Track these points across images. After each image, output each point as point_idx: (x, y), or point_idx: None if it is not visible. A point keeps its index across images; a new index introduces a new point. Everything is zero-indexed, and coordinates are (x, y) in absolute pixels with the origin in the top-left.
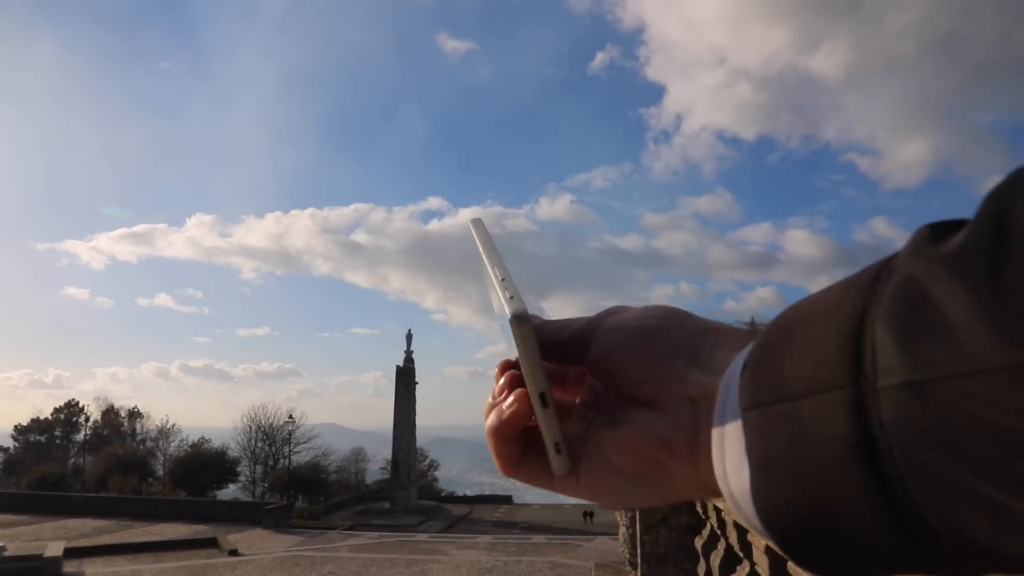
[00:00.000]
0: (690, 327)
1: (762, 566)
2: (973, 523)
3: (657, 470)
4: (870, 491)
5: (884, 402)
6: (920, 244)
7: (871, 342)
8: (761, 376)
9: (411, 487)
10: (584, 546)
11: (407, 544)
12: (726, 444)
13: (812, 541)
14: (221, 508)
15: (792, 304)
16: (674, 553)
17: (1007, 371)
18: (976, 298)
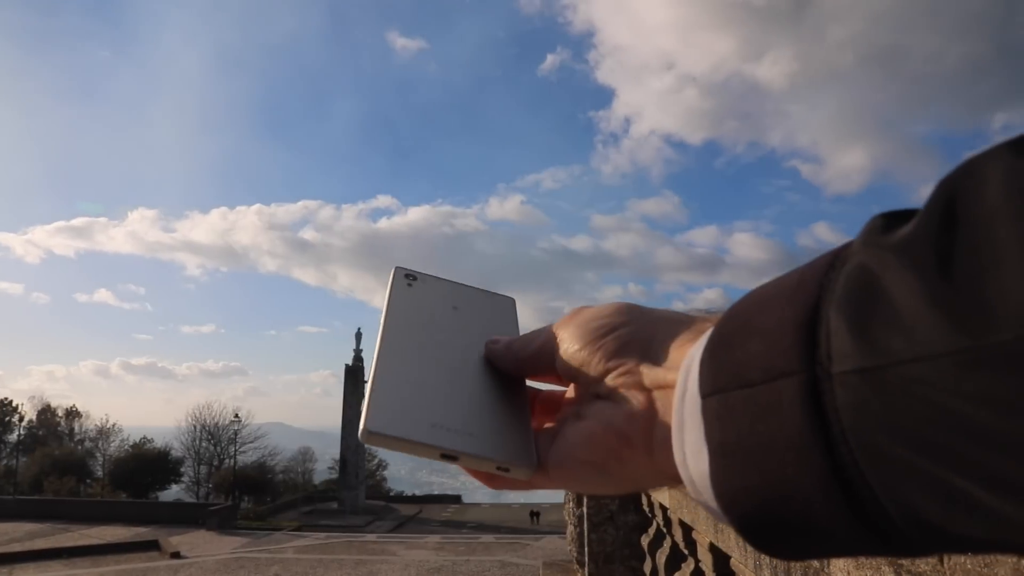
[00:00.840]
0: (641, 320)
1: (706, 563)
2: (924, 504)
3: (616, 460)
4: (825, 474)
5: (838, 387)
6: (872, 233)
7: (826, 329)
8: (720, 363)
9: (359, 487)
10: (533, 545)
11: (355, 544)
12: (686, 430)
13: (770, 525)
14: (163, 510)
15: (749, 291)
16: (621, 551)
17: (955, 356)
18: (926, 286)
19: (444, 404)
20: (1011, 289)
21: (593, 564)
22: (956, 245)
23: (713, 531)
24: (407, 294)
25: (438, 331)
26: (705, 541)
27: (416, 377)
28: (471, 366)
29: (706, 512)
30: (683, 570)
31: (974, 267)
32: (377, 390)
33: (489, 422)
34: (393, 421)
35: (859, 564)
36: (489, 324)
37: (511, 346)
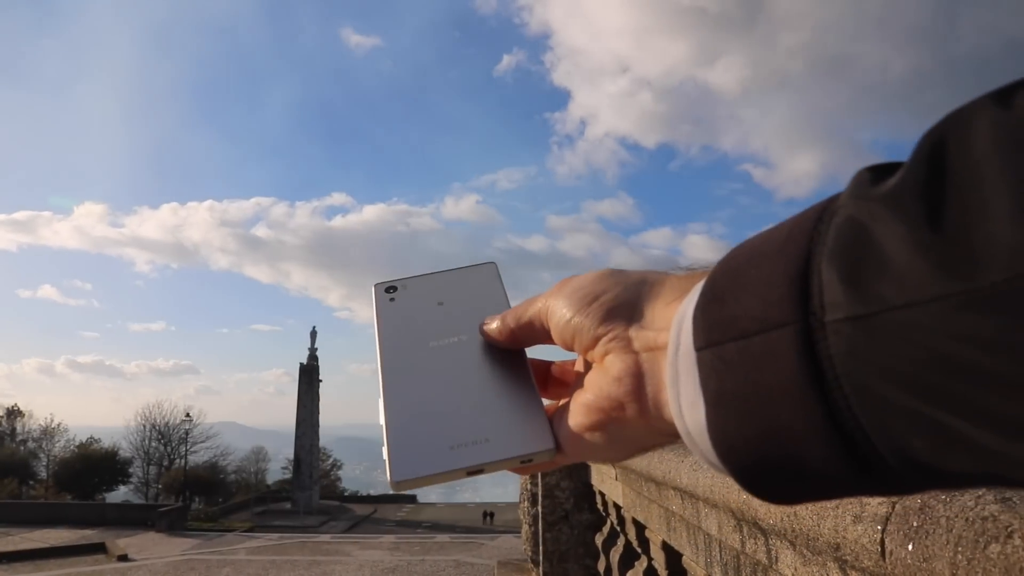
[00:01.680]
0: (623, 284)
1: (659, 561)
2: (916, 443)
3: (616, 425)
4: (821, 419)
5: (832, 336)
6: (860, 186)
7: (817, 281)
8: (713, 317)
9: (313, 487)
10: (488, 544)
11: (308, 545)
12: (680, 384)
13: (767, 471)
14: (111, 512)
15: (737, 245)
16: (575, 550)
17: (946, 300)
18: (915, 235)
19: (456, 419)
20: (999, 235)
21: (548, 563)
22: (944, 195)
23: (666, 530)
24: (392, 310)
25: (431, 337)
26: (658, 539)
27: (423, 402)
28: (471, 362)
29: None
30: (636, 568)
31: (962, 216)
32: (393, 435)
33: (502, 419)
34: (416, 463)
35: (806, 560)
36: (478, 304)
37: (504, 320)
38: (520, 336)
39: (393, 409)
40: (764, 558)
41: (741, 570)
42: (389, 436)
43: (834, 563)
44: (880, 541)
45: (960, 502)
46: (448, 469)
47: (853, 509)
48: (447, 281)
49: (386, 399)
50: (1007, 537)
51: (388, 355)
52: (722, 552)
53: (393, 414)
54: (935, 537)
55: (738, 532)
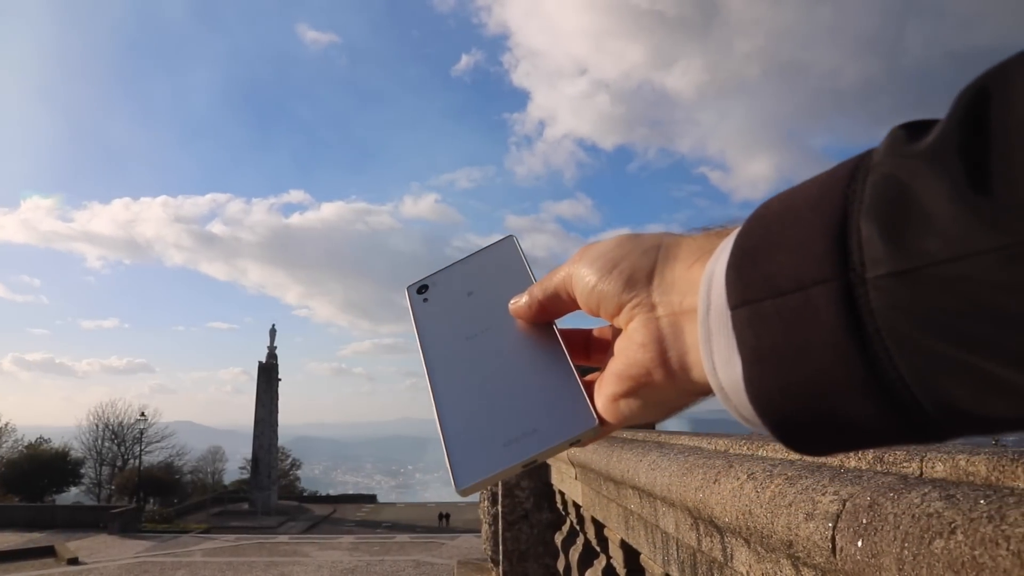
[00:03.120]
0: (639, 250)
1: (617, 560)
2: (958, 391)
3: (647, 390)
4: (862, 371)
5: (873, 291)
6: (897, 143)
7: (856, 238)
8: (747, 275)
9: (272, 487)
10: (448, 544)
11: (266, 546)
12: (713, 342)
13: (805, 424)
14: (61, 514)
15: (762, 204)
16: (535, 549)
17: (993, 253)
18: (958, 191)
19: (504, 414)
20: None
21: (507, 562)
22: (988, 152)
23: (624, 528)
24: (427, 312)
25: (467, 331)
26: (616, 538)
27: (471, 403)
28: (508, 349)
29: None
30: (595, 567)
31: (1008, 172)
32: (451, 442)
33: (546, 406)
34: (476, 467)
35: (760, 558)
36: (505, 286)
37: (531, 295)
38: (549, 308)
39: (447, 416)
40: (720, 556)
41: (697, 568)
42: (448, 444)
43: (787, 560)
44: (831, 538)
45: (907, 499)
46: (506, 467)
47: (805, 507)
48: (473, 267)
49: (439, 407)
50: (950, 533)
51: (433, 360)
52: (679, 550)
53: (448, 421)
54: (883, 534)
55: (694, 530)
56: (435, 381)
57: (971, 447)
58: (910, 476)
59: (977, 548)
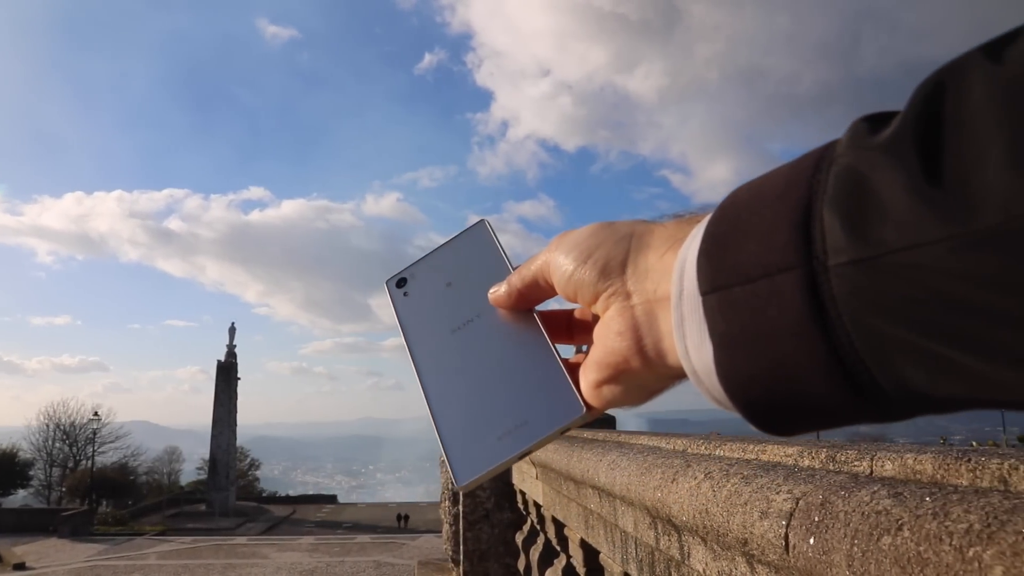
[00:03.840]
0: (612, 239)
1: (577, 559)
2: (912, 373)
3: (626, 376)
4: (825, 355)
5: (835, 278)
6: (858, 135)
7: (819, 227)
8: (717, 262)
9: (230, 488)
10: (408, 544)
11: (224, 548)
12: (686, 327)
13: (773, 406)
14: (7, 517)
15: (732, 192)
16: (496, 549)
17: (945, 242)
18: (914, 183)
19: (494, 408)
20: (994, 182)
21: (468, 562)
22: (941, 145)
23: (584, 528)
24: (409, 306)
25: (450, 324)
26: (576, 537)
27: (462, 398)
28: (492, 340)
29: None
30: (555, 566)
31: (959, 165)
32: (447, 440)
33: (534, 396)
34: (473, 463)
35: (716, 556)
36: (482, 274)
37: (510, 283)
38: (528, 296)
39: (441, 414)
40: (677, 554)
41: (655, 566)
42: (444, 442)
43: (742, 557)
44: (784, 536)
45: (857, 497)
46: (501, 461)
47: (760, 506)
48: (449, 256)
49: (432, 405)
50: (897, 530)
51: (420, 357)
52: (637, 549)
53: (442, 419)
54: (834, 531)
55: (653, 529)
56: (425, 379)
57: (919, 446)
58: (861, 475)
59: (922, 544)
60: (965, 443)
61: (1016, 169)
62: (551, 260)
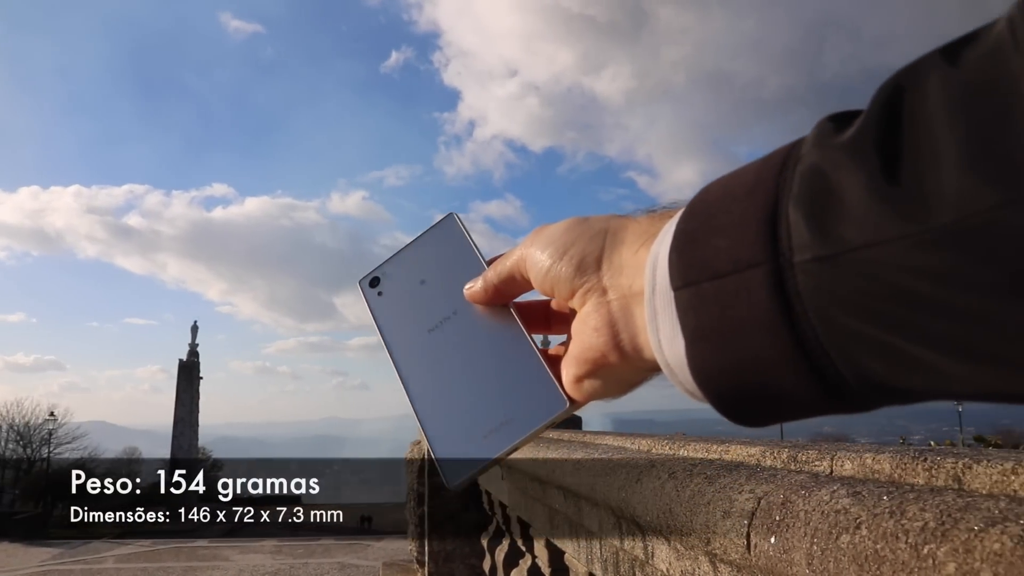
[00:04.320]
0: (587, 235)
1: (542, 559)
2: (874, 366)
3: (605, 371)
4: (791, 348)
5: (800, 274)
6: (822, 135)
7: (785, 224)
8: (688, 258)
9: (191, 489)
10: (374, 546)
11: (184, 551)
12: (659, 321)
13: (743, 397)
14: None
15: (704, 188)
16: (461, 549)
17: (902, 240)
18: (873, 182)
19: (479, 407)
20: (948, 182)
21: (433, 563)
22: (900, 146)
23: (549, 528)
24: (384, 306)
25: (427, 323)
26: (541, 538)
27: (446, 398)
28: (471, 337)
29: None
30: (521, 566)
31: (916, 166)
32: (435, 442)
33: (517, 393)
34: (462, 464)
35: (679, 555)
36: (455, 269)
37: (486, 279)
38: (504, 291)
39: (425, 416)
40: (641, 554)
41: (620, 566)
42: (432, 444)
43: (705, 557)
44: (746, 535)
45: (817, 496)
46: (490, 459)
47: (723, 505)
48: (420, 252)
49: (416, 406)
50: (856, 528)
51: (400, 358)
52: (602, 549)
53: (427, 421)
54: (794, 530)
55: (617, 529)
56: (407, 380)
57: (877, 446)
58: (821, 474)
59: (879, 542)
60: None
61: (968, 170)
62: (527, 255)
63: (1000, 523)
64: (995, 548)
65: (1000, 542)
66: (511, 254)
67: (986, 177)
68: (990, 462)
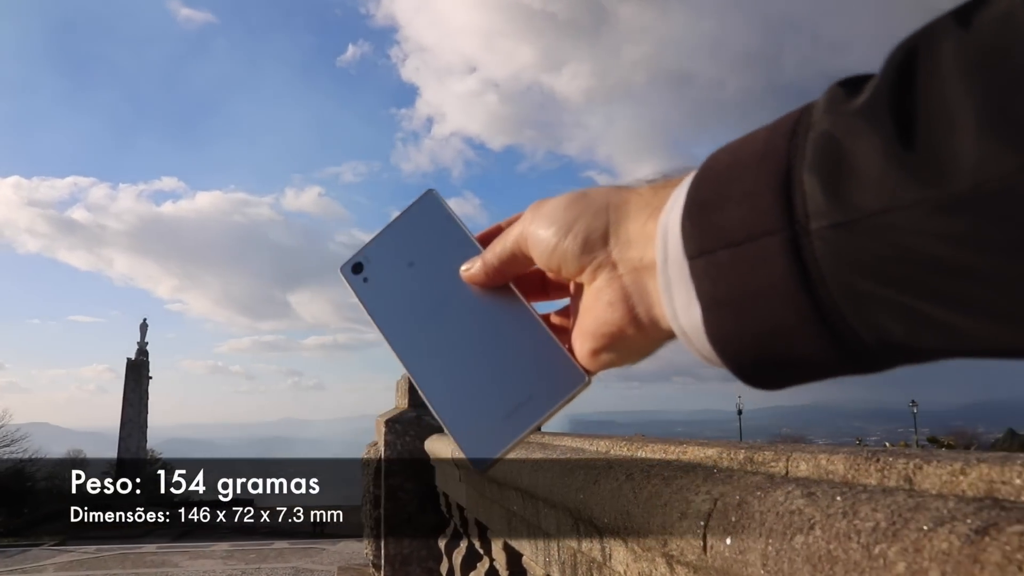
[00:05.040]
0: (593, 210)
1: (500, 562)
2: (892, 327)
3: (621, 343)
4: (809, 312)
5: (816, 241)
6: (834, 101)
7: (800, 192)
8: (702, 227)
9: (139, 493)
10: (329, 549)
11: (130, 557)
12: (673, 290)
13: (760, 362)
14: None
15: (711, 156)
16: (418, 553)
17: (920, 206)
18: (890, 149)
19: (495, 388)
20: (964, 149)
21: (390, 567)
22: (914, 112)
23: (507, 530)
24: (373, 293)
25: (424, 307)
26: (499, 540)
27: (460, 383)
28: (473, 318)
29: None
30: (479, 569)
31: (932, 131)
32: (454, 430)
33: (532, 369)
34: (487, 447)
35: (636, 557)
36: (443, 249)
37: (486, 261)
38: (506, 271)
39: (439, 402)
40: (599, 556)
41: (578, 568)
42: (450, 429)
43: (662, 558)
44: (703, 536)
45: (772, 497)
46: (515, 440)
47: (679, 507)
48: (402, 233)
49: (427, 394)
50: (810, 528)
51: (401, 347)
52: (560, 551)
53: (443, 409)
54: (750, 531)
55: (575, 531)
56: (413, 369)
57: (832, 447)
58: (777, 476)
59: (832, 542)
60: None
61: (986, 135)
62: (529, 233)
63: (948, 522)
64: (943, 547)
65: (948, 541)
66: (510, 233)
67: (1004, 142)
68: (940, 463)
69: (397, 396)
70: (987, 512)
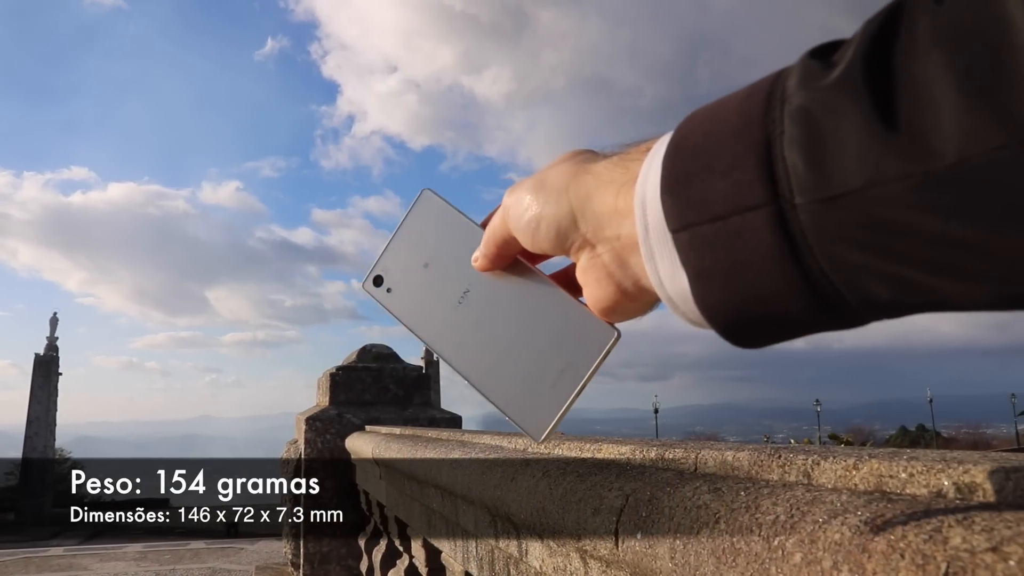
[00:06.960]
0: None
1: (419, 559)
2: (878, 291)
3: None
4: (799, 282)
5: (802, 214)
6: (808, 75)
7: (783, 167)
8: (684, 201)
9: (46, 494)
10: (247, 549)
11: (35, 561)
12: (657, 260)
13: (749, 324)
14: None
15: (684, 123)
16: (337, 551)
17: (904, 180)
18: (870, 126)
19: (535, 361)
20: (945, 123)
21: (309, 566)
22: (892, 87)
23: (426, 527)
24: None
25: (450, 301)
26: (419, 537)
27: (501, 365)
28: (497, 300)
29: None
30: (398, 567)
31: (913, 106)
32: (507, 409)
33: (565, 336)
34: (541, 418)
35: (552, 552)
36: (453, 242)
37: (487, 247)
38: (505, 252)
39: (487, 387)
40: (516, 551)
41: (495, 564)
42: (504, 410)
43: (576, 553)
44: (615, 531)
45: (681, 493)
46: (565, 405)
47: (593, 503)
48: (410, 237)
49: (474, 382)
50: (715, 523)
51: (439, 344)
52: (478, 547)
53: (490, 391)
54: (659, 525)
55: (493, 527)
56: (455, 362)
57: (739, 444)
58: (686, 472)
59: (735, 536)
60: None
61: (968, 110)
62: (510, 219)
63: (841, 515)
64: (836, 538)
65: (840, 532)
66: (495, 221)
67: (987, 118)
68: (836, 458)
69: (318, 394)
70: (875, 504)
